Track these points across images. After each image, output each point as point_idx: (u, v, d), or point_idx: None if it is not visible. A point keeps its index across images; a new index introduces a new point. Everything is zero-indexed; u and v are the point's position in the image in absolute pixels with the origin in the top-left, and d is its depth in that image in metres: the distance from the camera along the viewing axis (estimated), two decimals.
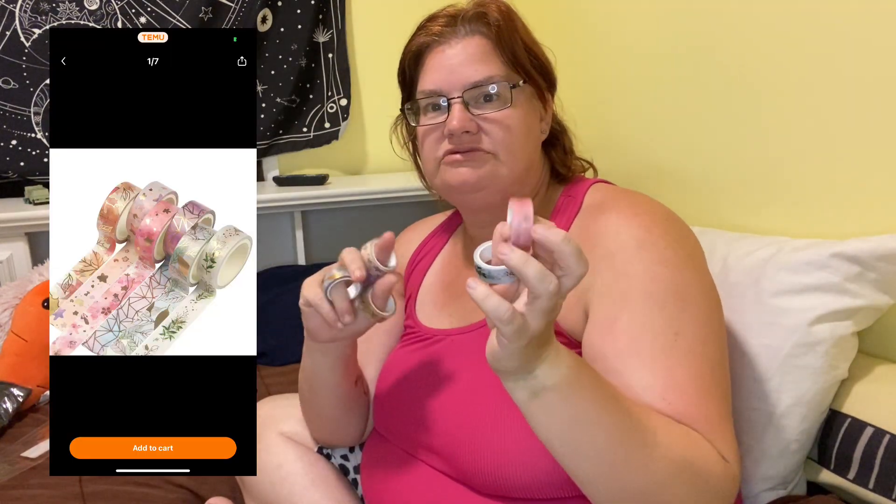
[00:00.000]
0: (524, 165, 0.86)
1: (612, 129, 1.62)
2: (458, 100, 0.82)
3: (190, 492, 1.10)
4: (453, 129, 0.82)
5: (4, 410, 1.28)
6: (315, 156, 2.14)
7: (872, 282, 0.91)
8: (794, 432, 0.92)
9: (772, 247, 1.00)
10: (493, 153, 0.83)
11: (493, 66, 0.83)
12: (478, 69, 0.83)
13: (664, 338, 0.71)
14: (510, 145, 0.83)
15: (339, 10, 2.04)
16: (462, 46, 0.84)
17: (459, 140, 0.83)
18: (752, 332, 0.96)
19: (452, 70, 0.83)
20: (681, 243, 0.78)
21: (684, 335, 0.71)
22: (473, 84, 0.82)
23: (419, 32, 0.88)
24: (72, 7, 1.81)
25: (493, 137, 0.83)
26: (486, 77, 0.82)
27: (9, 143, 1.81)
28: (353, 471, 1.00)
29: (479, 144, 0.83)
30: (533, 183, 0.89)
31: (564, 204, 0.88)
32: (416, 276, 1.00)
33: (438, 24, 0.86)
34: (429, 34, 0.86)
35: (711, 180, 1.33)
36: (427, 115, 0.86)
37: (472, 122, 0.82)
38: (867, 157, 1.01)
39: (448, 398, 0.82)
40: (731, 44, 1.25)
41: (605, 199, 0.84)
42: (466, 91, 0.82)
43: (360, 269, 0.72)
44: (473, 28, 0.84)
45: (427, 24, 0.87)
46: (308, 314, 0.78)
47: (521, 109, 0.84)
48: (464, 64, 0.83)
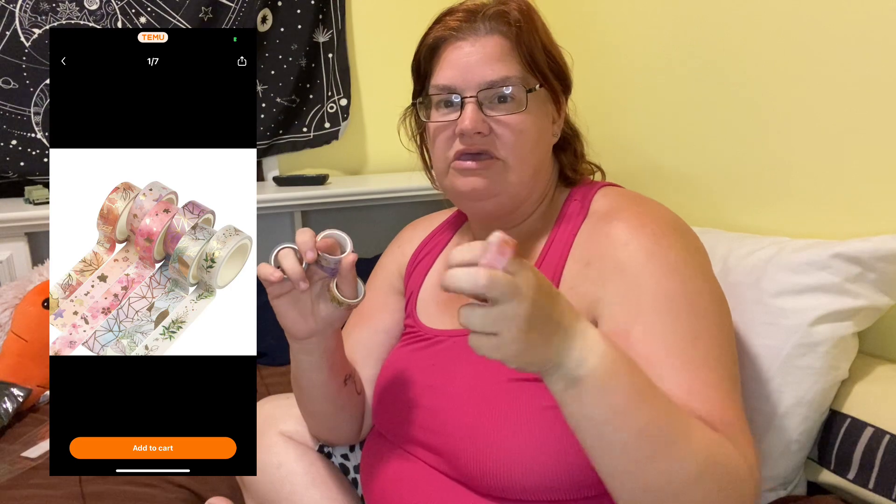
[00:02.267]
0: (533, 171, 0.85)
1: (613, 130, 1.62)
2: (473, 99, 0.81)
3: (190, 492, 1.10)
4: (465, 130, 0.80)
5: (4, 410, 1.28)
6: (315, 156, 2.14)
7: (873, 282, 0.91)
8: (795, 433, 0.92)
9: (772, 247, 1.00)
10: (503, 159, 0.82)
11: (510, 66, 0.81)
12: (495, 69, 0.81)
13: (683, 344, 0.71)
14: (520, 150, 0.82)
15: (339, 10, 2.04)
16: (481, 44, 0.82)
17: (471, 141, 0.81)
18: (753, 332, 0.96)
19: (469, 67, 0.82)
20: (690, 252, 0.77)
21: (702, 341, 0.72)
22: (489, 84, 0.81)
23: (437, 25, 0.86)
24: (72, 7, 1.81)
25: (504, 141, 0.81)
26: (502, 77, 0.81)
27: (9, 143, 1.81)
28: (353, 470, 1.00)
29: (489, 147, 0.82)
30: (541, 188, 0.88)
31: (571, 208, 0.87)
32: (418, 276, 1.00)
33: (457, 18, 0.84)
34: (447, 28, 0.84)
35: (712, 180, 1.33)
36: (439, 110, 0.85)
37: (485, 124, 0.81)
38: (867, 157, 1.01)
39: (450, 399, 0.82)
40: (731, 44, 1.25)
41: (612, 206, 0.83)
42: (481, 91, 0.81)
43: (311, 251, 0.73)
44: (493, 26, 0.82)
45: (445, 17, 0.86)
46: (280, 310, 0.78)
47: (534, 114, 0.83)
48: (481, 62, 0.81)
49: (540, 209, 0.89)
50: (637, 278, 0.74)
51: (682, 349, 0.71)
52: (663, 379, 0.69)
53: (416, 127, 0.94)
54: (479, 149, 0.82)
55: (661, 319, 0.72)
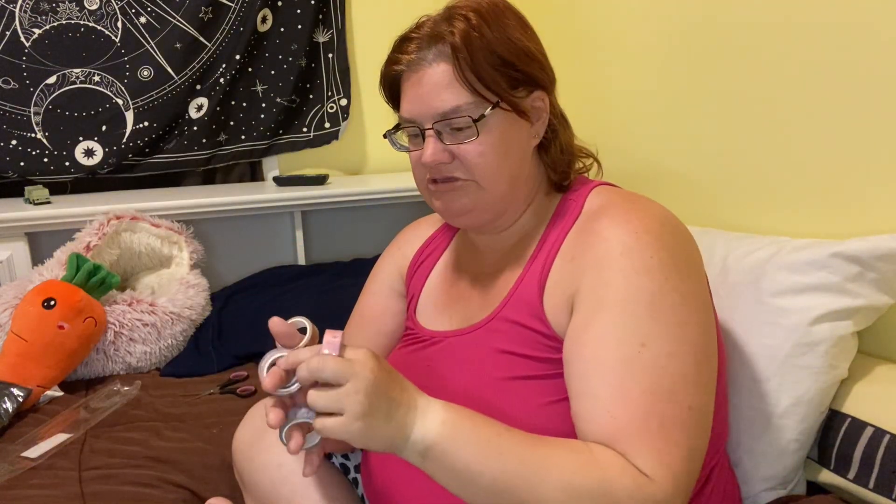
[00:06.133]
0: (507, 184, 0.84)
1: (611, 130, 1.62)
2: (431, 131, 0.81)
3: (190, 492, 1.10)
4: (426, 163, 0.81)
5: (4, 410, 1.28)
6: (315, 156, 2.14)
7: (872, 282, 0.91)
8: (794, 432, 0.92)
9: (772, 247, 1.00)
10: (474, 180, 0.82)
11: (457, 95, 0.79)
12: (445, 99, 0.80)
13: (627, 348, 0.71)
14: (486, 172, 0.81)
15: (339, 10, 2.04)
16: (428, 75, 0.80)
17: (437, 170, 0.82)
18: (752, 331, 0.96)
19: (422, 100, 0.81)
20: (670, 251, 0.76)
21: (650, 347, 0.71)
22: (441, 115, 0.80)
23: (391, 59, 0.85)
24: (72, 7, 1.81)
25: (467, 166, 0.81)
26: (452, 108, 0.79)
27: (9, 143, 1.81)
28: (353, 470, 1.00)
29: (454, 174, 0.82)
30: (523, 194, 0.87)
31: (564, 209, 0.87)
32: (419, 278, 1.00)
33: (409, 50, 0.82)
34: (399, 63, 0.83)
35: (711, 180, 1.33)
36: (410, 139, 0.86)
37: (445, 153, 0.81)
38: (867, 157, 1.01)
39: (447, 399, 0.82)
40: (730, 44, 1.25)
41: (602, 204, 0.83)
42: (436, 122, 0.80)
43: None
44: (437, 53, 0.80)
45: (399, 48, 0.84)
46: None
47: (493, 134, 0.81)
48: (430, 94, 0.80)
49: (529, 211, 0.88)
50: (608, 274, 0.74)
51: (624, 354, 0.70)
52: (598, 380, 0.70)
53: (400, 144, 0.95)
54: (445, 176, 0.82)
55: (617, 319, 0.72)
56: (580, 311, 0.75)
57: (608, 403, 0.69)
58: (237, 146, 2.03)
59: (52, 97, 1.83)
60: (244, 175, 2.26)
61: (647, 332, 0.71)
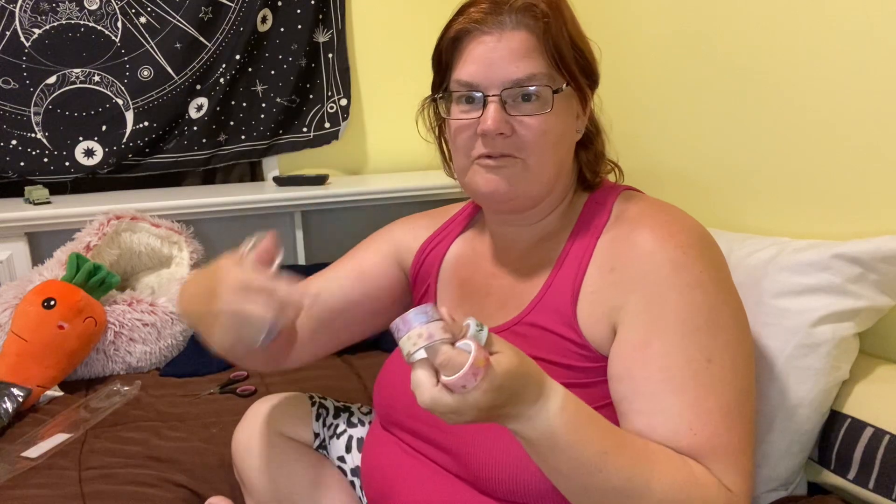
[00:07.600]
0: (554, 171, 0.82)
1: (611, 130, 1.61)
2: (496, 98, 0.77)
3: (190, 491, 1.10)
4: (487, 131, 0.77)
5: (4, 410, 1.28)
6: (315, 156, 2.14)
7: (873, 283, 0.91)
8: (796, 433, 0.92)
9: (773, 248, 1.00)
10: (524, 159, 0.79)
11: (536, 64, 0.77)
12: (520, 66, 0.77)
13: (697, 364, 0.71)
14: (543, 152, 0.79)
15: (339, 10, 2.03)
16: (506, 39, 0.77)
17: (493, 143, 0.78)
18: (754, 333, 0.96)
19: (492, 64, 0.77)
20: (715, 265, 0.77)
21: (716, 362, 0.71)
22: (514, 82, 0.77)
23: (460, 17, 0.81)
24: (72, 7, 1.81)
25: (526, 142, 0.78)
26: (528, 76, 0.77)
27: (9, 143, 1.81)
28: (349, 473, 1.00)
29: (511, 151, 0.79)
30: (561, 187, 0.85)
31: (590, 211, 0.85)
32: (428, 268, 0.97)
33: (481, 9, 0.79)
34: (470, 20, 0.79)
35: (713, 181, 1.33)
36: (460, 106, 0.81)
37: (508, 125, 0.77)
38: (868, 158, 1.01)
39: None
40: (733, 45, 1.25)
41: (637, 213, 0.81)
42: (505, 89, 0.77)
43: None
44: (519, 20, 0.77)
45: (468, 8, 0.80)
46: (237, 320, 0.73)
47: (559, 114, 0.79)
48: (505, 59, 0.77)
49: (559, 209, 0.87)
50: (661, 291, 0.74)
51: (694, 370, 0.71)
52: (674, 398, 0.70)
53: (434, 119, 0.91)
54: (501, 152, 0.79)
55: (681, 336, 0.72)
56: (633, 328, 0.74)
57: (689, 422, 0.69)
58: (237, 146, 2.03)
59: (52, 97, 1.83)
60: (244, 175, 2.26)
61: (712, 347, 0.72)
